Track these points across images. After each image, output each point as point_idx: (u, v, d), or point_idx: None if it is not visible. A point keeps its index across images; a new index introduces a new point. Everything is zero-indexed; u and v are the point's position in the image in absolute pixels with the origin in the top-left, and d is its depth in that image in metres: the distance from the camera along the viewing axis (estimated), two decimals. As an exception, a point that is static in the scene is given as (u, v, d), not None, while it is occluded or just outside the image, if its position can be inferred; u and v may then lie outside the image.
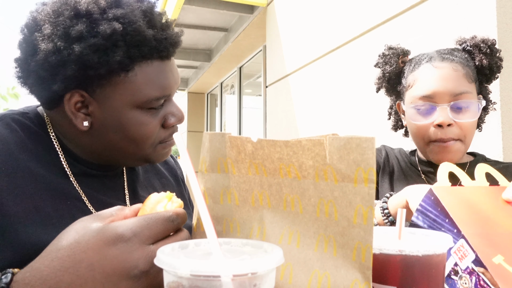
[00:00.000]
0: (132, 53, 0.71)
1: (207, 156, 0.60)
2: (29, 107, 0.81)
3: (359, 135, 0.47)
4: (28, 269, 0.48)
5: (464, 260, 0.58)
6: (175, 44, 0.78)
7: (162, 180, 0.97)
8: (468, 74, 1.04)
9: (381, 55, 1.21)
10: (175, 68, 0.81)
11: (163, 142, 0.80)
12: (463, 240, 0.58)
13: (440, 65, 1.05)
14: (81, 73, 0.69)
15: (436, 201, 0.64)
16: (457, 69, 1.03)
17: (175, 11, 5.20)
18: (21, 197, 0.66)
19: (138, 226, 0.49)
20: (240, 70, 7.09)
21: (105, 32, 0.69)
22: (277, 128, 4.47)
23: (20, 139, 0.72)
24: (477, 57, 1.09)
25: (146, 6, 0.76)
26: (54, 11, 0.71)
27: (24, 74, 0.74)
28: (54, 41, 0.69)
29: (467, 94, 1.01)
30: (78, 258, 0.47)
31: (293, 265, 0.52)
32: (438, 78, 1.03)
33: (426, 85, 1.04)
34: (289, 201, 0.54)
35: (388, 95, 1.25)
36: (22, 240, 0.63)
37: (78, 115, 0.73)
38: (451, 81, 1.02)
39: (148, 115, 0.75)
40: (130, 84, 0.73)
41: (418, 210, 0.66)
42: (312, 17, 3.69)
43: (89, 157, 0.79)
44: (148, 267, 0.48)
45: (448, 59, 1.05)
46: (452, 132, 1.02)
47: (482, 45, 1.09)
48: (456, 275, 0.59)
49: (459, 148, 1.04)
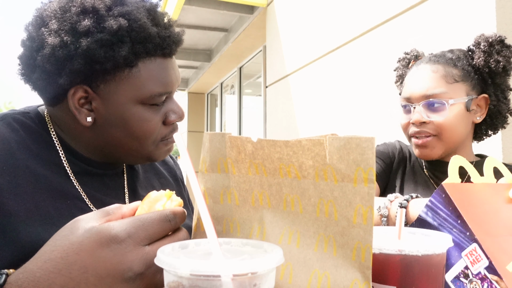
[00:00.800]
0: (137, 49, 0.73)
1: (207, 156, 0.60)
2: (29, 107, 0.81)
3: (359, 135, 0.47)
4: (22, 271, 0.47)
5: (476, 265, 0.56)
6: (177, 42, 0.80)
7: (162, 180, 0.97)
8: (449, 74, 1.08)
9: (399, 59, 1.29)
10: (176, 66, 0.82)
11: (164, 139, 0.81)
12: (476, 245, 0.57)
13: (421, 67, 1.12)
14: (87, 67, 0.71)
15: (447, 199, 0.62)
16: (436, 70, 1.09)
17: (175, 12, 5.20)
18: (22, 196, 0.66)
19: (133, 227, 0.47)
20: (240, 70, 7.09)
21: (111, 28, 0.70)
22: (277, 128, 4.47)
23: (21, 139, 0.72)
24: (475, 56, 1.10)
25: (150, 5, 0.78)
26: (61, 7, 0.72)
27: (29, 70, 0.74)
28: (61, 35, 0.70)
29: (441, 94, 1.06)
30: (71, 259, 0.46)
31: (293, 265, 0.52)
32: (415, 79, 1.11)
33: (406, 87, 1.14)
34: (289, 201, 0.54)
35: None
36: (22, 239, 0.64)
37: (82, 111, 0.74)
38: (425, 82, 1.09)
39: (150, 111, 0.76)
40: (133, 80, 0.74)
41: (427, 206, 0.65)
42: (312, 17, 3.69)
43: (91, 154, 0.80)
44: (143, 269, 0.47)
45: (433, 61, 1.11)
46: (427, 128, 1.08)
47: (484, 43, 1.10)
48: (466, 278, 0.57)
49: (435, 144, 1.09)
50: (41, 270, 0.46)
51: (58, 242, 0.47)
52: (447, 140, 1.09)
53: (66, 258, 0.46)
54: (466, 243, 0.58)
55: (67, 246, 0.46)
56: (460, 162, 0.70)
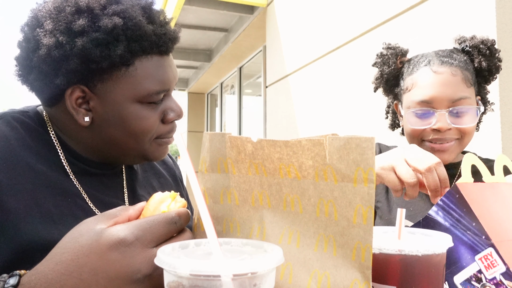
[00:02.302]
0: (133, 47, 0.73)
1: (207, 156, 0.60)
2: (29, 107, 0.82)
3: (359, 135, 0.47)
4: (34, 272, 0.48)
5: (491, 270, 0.55)
6: (173, 40, 0.79)
7: (161, 180, 0.97)
8: (466, 78, 1.04)
9: (379, 54, 1.21)
10: (174, 64, 0.82)
11: (161, 137, 0.81)
12: (492, 249, 0.55)
13: (439, 70, 1.05)
14: (83, 67, 0.70)
15: (461, 200, 0.60)
16: (456, 74, 1.03)
17: (175, 12, 5.21)
18: (21, 193, 0.67)
19: (140, 230, 0.49)
20: (240, 70, 7.09)
21: (106, 27, 0.70)
22: (277, 128, 4.47)
23: (21, 137, 0.72)
24: (476, 59, 1.09)
25: (145, 3, 0.78)
26: (56, 7, 0.72)
27: (25, 71, 0.74)
28: (57, 35, 0.70)
29: (465, 100, 1.02)
30: (82, 262, 0.47)
31: (293, 265, 0.52)
32: (436, 83, 1.04)
33: (425, 91, 1.05)
34: (289, 201, 0.54)
35: (385, 95, 1.26)
36: (22, 236, 0.64)
37: (79, 111, 0.74)
38: (449, 87, 1.03)
39: (148, 109, 0.76)
40: (130, 78, 0.74)
41: (438, 205, 0.63)
42: (312, 17, 3.69)
43: (89, 154, 0.80)
44: (151, 271, 0.48)
45: (447, 63, 1.05)
46: (450, 134, 1.04)
47: (482, 46, 1.09)
48: (478, 282, 0.57)
49: (455, 149, 1.05)
50: (52, 272, 0.47)
51: (68, 245, 0.48)
52: (466, 143, 1.07)
53: (76, 260, 0.47)
54: (481, 247, 0.57)
55: (77, 248, 0.48)
56: (472, 160, 0.69)
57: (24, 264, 0.55)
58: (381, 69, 1.19)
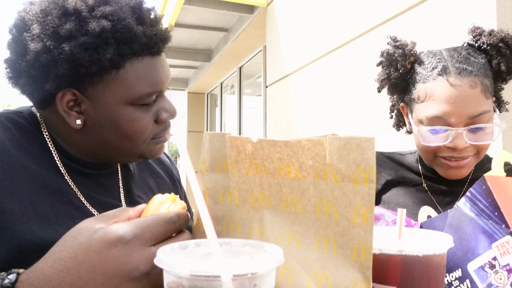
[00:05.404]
0: (122, 50, 0.71)
1: (207, 156, 0.60)
2: (23, 107, 0.81)
3: (359, 135, 0.47)
4: (32, 270, 0.48)
5: (506, 257, 0.57)
6: (165, 40, 0.78)
7: (158, 179, 0.97)
8: (486, 88, 0.94)
9: (385, 53, 1.10)
10: (166, 64, 0.81)
11: (156, 137, 0.80)
12: (509, 237, 0.58)
13: (456, 82, 0.94)
14: (72, 71, 0.69)
15: (487, 191, 0.62)
16: (475, 85, 0.93)
17: (175, 11, 5.20)
18: (17, 194, 0.66)
19: (139, 228, 0.49)
20: (240, 70, 7.09)
21: (94, 30, 0.69)
22: (277, 128, 4.47)
23: (15, 137, 0.72)
24: (494, 60, 0.99)
25: (134, 3, 0.76)
26: (42, 10, 0.71)
27: (15, 75, 0.74)
28: (44, 40, 0.69)
29: (485, 115, 0.93)
30: (80, 259, 0.47)
31: (293, 265, 0.52)
32: (454, 98, 0.93)
33: (441, 106, 0.94)
34: (289, 201, 0.54)
35: (390, 94, 1.17)
36: (18, 236, 0.64)
37: (71, 114, 0.73)
38: (468, 102, 0.93)
39: (140, 111, 0.76)
40: (121, 81, 0.73)
41: (467, 196, 0.65)
42: (312, 17, 3.69)
43: (83, 155, 0.79)
44: (149, 269, 0.48)
45: (465, 72, 0.94)
46: (466, 152, 0.96)
47: (501, 45, 0.99)
48: (492, 268, 0.59)
49: (473, 163, 0.99)
50: (51, 269, 0.47)
51: (68, 243, 0.49)
52: (482, 156, 1.00)
53: (75, 258, 0.47)
54: (499, 235, 0.59)
55: (76, 246, 0.48)
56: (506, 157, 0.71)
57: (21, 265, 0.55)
58: (387, 71, 1.09)
